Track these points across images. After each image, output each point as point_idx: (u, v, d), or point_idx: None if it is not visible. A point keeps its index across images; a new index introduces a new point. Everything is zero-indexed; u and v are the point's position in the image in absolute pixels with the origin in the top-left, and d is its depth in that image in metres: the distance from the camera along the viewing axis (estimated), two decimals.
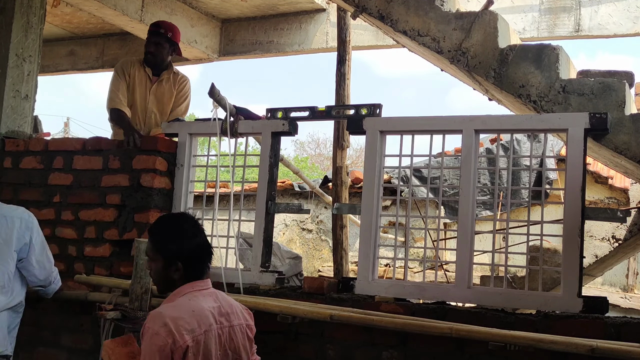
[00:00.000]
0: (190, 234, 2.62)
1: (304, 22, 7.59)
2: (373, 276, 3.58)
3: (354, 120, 3.72)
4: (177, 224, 2.65)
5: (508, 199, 3.53)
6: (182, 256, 2.58)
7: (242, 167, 4.14)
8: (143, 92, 4.98)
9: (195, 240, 2.62)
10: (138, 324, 3.38)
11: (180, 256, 2.58)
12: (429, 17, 3.83)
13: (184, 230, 2.63)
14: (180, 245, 2.59)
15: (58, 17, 7.60)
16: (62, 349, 4.01)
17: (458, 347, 3.18)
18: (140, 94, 4.98)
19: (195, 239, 2.62)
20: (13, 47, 4.59)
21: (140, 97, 4.98)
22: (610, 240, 5.58)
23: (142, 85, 4.99)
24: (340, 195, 5.70)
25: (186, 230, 2.63)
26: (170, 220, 2.73)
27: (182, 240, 2.60)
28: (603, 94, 3.39)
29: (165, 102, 5.00)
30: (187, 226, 2.64)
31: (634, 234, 5.11)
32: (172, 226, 2.65)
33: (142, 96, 4.98)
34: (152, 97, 4.98)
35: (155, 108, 4.99)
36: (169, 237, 2.61)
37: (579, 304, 3.13)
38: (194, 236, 2.62)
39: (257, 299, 3.51)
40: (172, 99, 5.02)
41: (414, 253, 8.34)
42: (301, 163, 24.34)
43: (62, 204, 4.15)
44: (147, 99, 4.98)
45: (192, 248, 2.60)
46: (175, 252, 2.58)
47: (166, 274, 2.60)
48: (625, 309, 7.59)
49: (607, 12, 6.29)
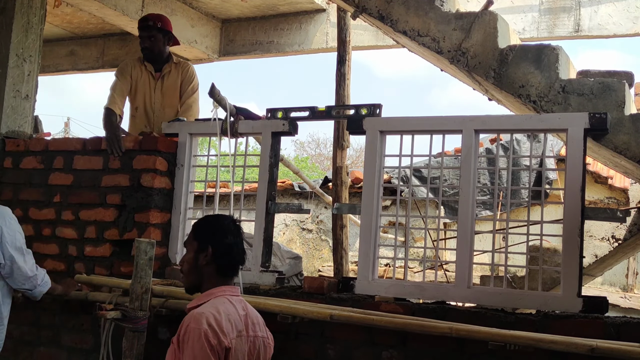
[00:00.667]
0: (227, 229, 2.73)
1: (304, 23, 7.60)
2: (373, 276, 3.58)
3: (354, 120, 3.73)
4: (219, 218, 2.82)
5: (508, 199, 3.53)
6: (214, 242, 2.68)
7: (242, 167, 4.14)
8: (148, 91, 4.95)
9: (230, 236, 2.72)
10: (138, 324, 3.39)
11: (212, 241, 2.68)
12: (429, 17, 3.83)
13: (223, 224, 2.76)
14: (214, 232, 2.71)
15: (58, 17, 7.60)
16: (62, 348, 4.01)
17: (458, 347, 3.18)
18: (144, 94, 4.95)
19: (230, 235, 2.72)
20: (13, 47, 4.59)
21: (146, 97, 4.95)
22: (610, 240, 5.58)
23: (145, 85, 4.96)
24: (340, 195, 5.70)
25: (225, 225, 2.75)
26: (214, 217, 2.91)
27: (217, 229, 2.72)
28: (603, 94, 3.39)
29: (172, 96, 4.94)
30: (227, 222, 2.77)
31: (634, 233, 5.11)
32: (213, 219, 2.84)
33: (147, 96, 4.95)
34: (158, 94, 4.93)
35: (162, 105, 4.94)
36: (207, 225, 2.77)
37: (578, 303, 3.14)
38: (229, 232, 2.73)
39: (257, 298, 3.51)
40: (177, 91, 4.94)
41: (414, 253, 8.34)
42: (301, 163, 24.34)
43: (63, 204, 4.16)
44: (153, 99, 4.94)
45: (226, 241, 2.70)
46: (209, 237, 2.69)
47: (196, 261, 2.68)
48: (625, 309, 7.59)
49: (607, 12, 6.29)
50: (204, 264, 2.67)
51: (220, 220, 2.79)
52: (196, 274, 2.70)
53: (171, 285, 3.68)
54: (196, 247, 2.70)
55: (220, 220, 2.80)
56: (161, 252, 3.97)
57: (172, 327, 3.77)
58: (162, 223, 4.01)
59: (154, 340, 3.70)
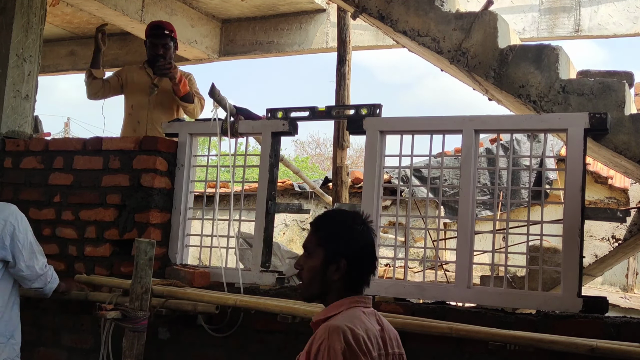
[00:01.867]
0: (361, 231, 2.25)
1: (304, 22, 7.60)
2: (373, 276, 3.58)
3: (354, 120, 3.73)
4: (348, 219, 2.29)
5: (508, 199, 3.53)
6: (349, 254, 2.20)
7: (242, 167, 4.14)
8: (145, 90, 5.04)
9: (365, 239, 2.25)
10: (138, 324, 3.39)
11: (346, 253, 2.20)
12: (429, 17, 3.83)
13: (355, 225, 2.26)
14: (349, 241, 2.22)
15: (58, 17, 7.60)
16: (62, 348, 4.01)
17: (458, 346, 3.18)
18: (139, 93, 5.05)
19: (365, 239, 2.25)
20: (13, 47, 4.59)
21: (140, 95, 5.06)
22: (610, 240, 5.58)
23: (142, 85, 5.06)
24: (340, 195, 5.71)
25: (357, 226, 2.26)
26: (341, 215, 2.38)
27: (353, 237, 2.23)
28: (603, 94, 3.39)
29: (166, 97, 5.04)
30: (359, 222, 2.27)
31: (634, 233, 5.11)
32: (342, 221, 2.29)
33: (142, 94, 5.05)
34: (154, 100, 5.03)
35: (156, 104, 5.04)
36: (336, 230, 2.24)
37: (578, 303, 3.13)
38: (364, 235, 2.25)
39: (257, 299, 3.52)
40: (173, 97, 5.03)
41: (414, 253, 8.35)
42: (301, 163, 24.34)
43: (63, 204, 4.16)
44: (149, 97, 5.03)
45: (361, 248, 2.23)
46: (342, 247, 2.20)
47: (324, 273, 2.21)
48: (625, 309, 7.60)
49: (606, 12, 6.29)
50: (334, 278, 2.20)
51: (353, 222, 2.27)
52: (322, 286, 2.23)
53: (171, 285, 3.68)
54: (323, 257, 2.21)
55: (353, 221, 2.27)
56: (161, 252, 3.97)
57: (172, 327, 3.78)
58: (162, 223, 4.01)
59: (154, 340, 3.71)
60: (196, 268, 3.90)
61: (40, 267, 3.53)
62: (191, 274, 3.79)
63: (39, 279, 3.53)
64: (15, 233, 3.43)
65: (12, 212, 3.49)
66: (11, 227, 3.43)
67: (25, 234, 3.49)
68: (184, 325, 3.74)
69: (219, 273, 3.79)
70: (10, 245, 3.41)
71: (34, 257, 3.50)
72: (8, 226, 3.42)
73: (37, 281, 3.53)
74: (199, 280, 3.80)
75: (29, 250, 3.48)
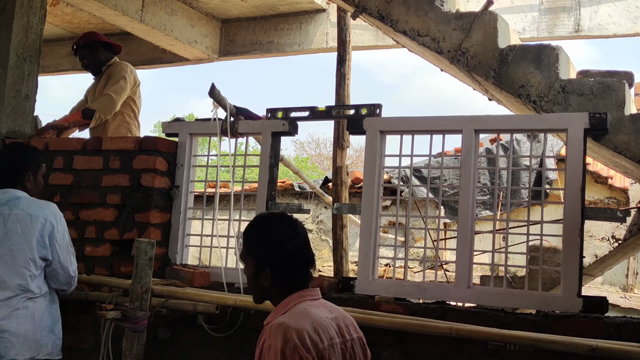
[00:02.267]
0: (282, 239, 2.31)
1: (304, 22, 7.60)
2: (373, 276, 3.58)
3: (354, 120, 3.73)
4: (269, 226, 2.36)
5: (508, 199, 3.53)
6: (271, 262, 2.29)
7: (242, 167, 4.14)
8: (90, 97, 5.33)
9: (286, 245, 2.31)
10: (138, 324, 3.39)
11: (267, 262, 2.29)
12: (429, 17, 3.83)
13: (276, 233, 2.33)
14: (268, 249, 2.30)
15: (58, 17, 7.60)
16: (62, 348, 4.00)
17: (458, 346, 3.18)
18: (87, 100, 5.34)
19: (285, 244, 2.31)
20: (13, 47, 4.59)
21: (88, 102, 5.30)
22: (610, 240, 5.58)
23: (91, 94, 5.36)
24: (340, 195, 5.70)
25: (279, 233, 2.33)
26: (263, 222, 2.41)
27: (270, 244, 2.31)
28: (603, 94, 3.39)
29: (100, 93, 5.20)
30: (281, 229, 2.34)
31: (634, 233, 5.11)
32: (263, 228, 2.37)
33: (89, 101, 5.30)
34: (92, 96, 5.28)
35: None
36: (259, 240, 2.34)
37: (578, 303, 3.13)
38: (284, 241, 2.31)
39: None
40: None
41: (414, 253, 8.35)
42: (301, 163, 24.35)
43: (63, 204, 4.15)
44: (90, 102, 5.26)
45: (285, 253, 2.30)
46: (264, 257, 2.30)
47: (257, 280, 2.32)
48: (625, 309, 7.59)
49: (607, 12, 6.29)
50: (266, 285, 2.30)
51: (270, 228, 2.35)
52: (261, 292, 2.35)
53: (171, 285, 3.68)
54: (254, 266, 2.32)
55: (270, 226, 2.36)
56: (161, 252, 3.97)
57: (172, 327, 3.78)
58: (162, 223, 4.01)
59: (154, 340, 3.71)
60: (196, 268, 3.90)
61: (73, 269, 3.55)
62: (191, 274, 3.79)
63: (69, 281, 3.54)
64: (54, 232, 3.45)
65: (52, 211, 3.50)
66: (50, 226, 3.44)
67: (63, 235, 3.51)
68: (184, 325, 3.74)
69: (219, 273, 3.79)
70: (49, 243, 3.43)
71: (69, 259, 3.52)
72: (47, 225, 3.44)
73: (66, 283, 3.54)
74: (199, 280, 3.80)
75: (65, 251, 3.50)
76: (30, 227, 3.39)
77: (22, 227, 3.39)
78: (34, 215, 3.42)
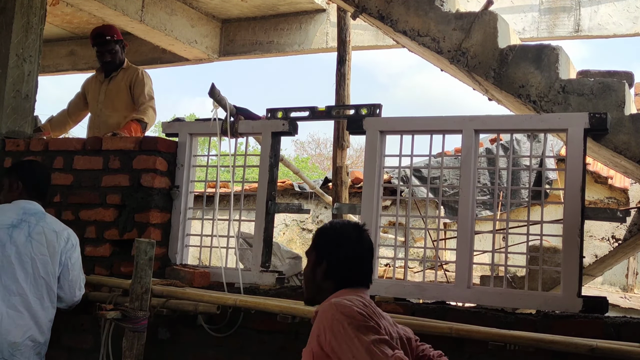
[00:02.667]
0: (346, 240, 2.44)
1: (304, 22, 7.60)
2: (373, 276, 3.58)
3: (354, 120, 3.73)
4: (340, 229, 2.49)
5: (508, 199, 3.53)
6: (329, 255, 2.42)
7: (242, 167, 4.14)
8: (95, 96, 5.20)
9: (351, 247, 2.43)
10: (138, 324, 3.39)
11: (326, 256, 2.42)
12: (429, 17, 3.83)
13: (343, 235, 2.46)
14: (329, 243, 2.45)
15: (58, 17, 7.61)
16: (62, 349, 4.01)
17: (458, 346, 3.18)
18: (93, 98, 5.22)
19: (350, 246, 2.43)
20: (13, 47, 4.59)
21: (93, 100, 5.22)
22: (610, 240, 5.59)
23: (94, 91, 5.23)
24: (340, 195, 5.71)
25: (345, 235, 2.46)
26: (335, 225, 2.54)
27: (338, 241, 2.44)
28: (603, 94, 3.39)
29: (115, 98, 5.14)
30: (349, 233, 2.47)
31: (634, 233, 5.11)
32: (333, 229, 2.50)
33: (94, 99, 5.21)
34: (103, 96, 5.16)
35: (104, 106, 5.15)
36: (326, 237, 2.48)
37: (578, 303, 3.13)
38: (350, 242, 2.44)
39: (257, 298, 3.51)
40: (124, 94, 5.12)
41: (414, 253, 8.35)
42: (301, 163, 24.34)
43: (63, 204, 4.15)
44: (98, 102, 5.17)
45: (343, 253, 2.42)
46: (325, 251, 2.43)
47: (313, 273, 2.44)
48: (625, 309, 7.60)
49: (606, 12, 6.30)
50: (318, 278, 2.42)
51: (341, 229, 2.48)
52: (313, 288, 2.45)
53: (171, 285, 3.68)
54: (314, 259, 2.46)
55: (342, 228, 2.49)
56: (161, 252, 3.97)
57: (172, 327, 3.78)
58: (162, 223, 4.01)
59: (154, 340, 3.71)
60: (196, 268, 3.90)
61: (79, 295, 3.62)
62: (191, 274, 3.79)
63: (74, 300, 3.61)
64: (72, 253, 3.55)
65: (72, 233, 3.62)
66: (72, 246, 3.55)
67: (78, 258, 3.60)
68: (184, 325, 3.74)
69: (219, 273, 3.79)
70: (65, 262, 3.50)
71: (78, 283, 3.59)
72: (69, 245, 3.54)
73: (69, 305, 3.62)
74: (199, 280, 3.81)
75: (77, 273, 3.58)
76: (56, 243, 3.48)
77: (47, 240, 3.46)
78: (59, 233, 3.52)
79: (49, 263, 3.44)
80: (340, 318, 2.16)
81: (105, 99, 5.14)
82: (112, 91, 5.14)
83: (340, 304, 2.20)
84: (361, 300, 2.28)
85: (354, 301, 2.24)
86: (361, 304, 2.24)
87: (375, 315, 2.26)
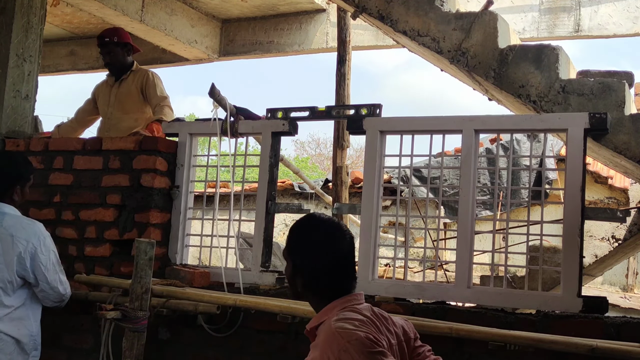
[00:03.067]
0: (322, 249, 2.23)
1: (304, 22, 7.60)
2: (373, 276, 3.58)
3: (354, 120, 3.73)
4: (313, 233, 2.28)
5: (508, 199, 3.53)
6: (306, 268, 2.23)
7: (242, 167, 4.14)
8: (106, 100, 5.18)
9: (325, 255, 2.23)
10: (138, 324, 3.39)
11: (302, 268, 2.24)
12: (429, 17, 3.83)
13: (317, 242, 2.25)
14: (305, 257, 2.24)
15: (58, 17, 7.61)
16: (62, 349, 4.01)
17: (458, 346, 3.18)
18: (103, 102, 5.20)
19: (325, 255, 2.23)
20: (13, 47, 4.59)
21: (104, 104, 5.19)
22: (610, 240, 5.59)
23: (105, 95, 5.21)
24: (340, 195, 5.71)
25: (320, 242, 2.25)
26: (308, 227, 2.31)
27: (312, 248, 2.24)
28: (603, 94, 3.39)
29: (126, 101, 5.12)
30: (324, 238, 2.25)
31: (634, 233, 5.11)
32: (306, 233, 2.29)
33: (104, 103, 5.19)
34: (113, 99, 5.14)
35: (115, 109, 5.13)
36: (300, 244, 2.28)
37: (578, 303, 3.13)
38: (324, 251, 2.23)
39: (257, 298, 3.52)
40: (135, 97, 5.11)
41: (414, 253, 8.35)
42: (302, 163, 24.35)
43: (63, 204, 4.16)
44: (109, 106, 5.15)
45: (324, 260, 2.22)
46: (300, 262, 2.25)
47: (294, 282, 2.27)
48: (625, 309, 7.60)
49: (607, 12, 6.30)
50: (301, 290, 2.25)
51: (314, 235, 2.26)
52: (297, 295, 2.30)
53: (171, 285, 3.68)
54: (292, 267, 2.27)
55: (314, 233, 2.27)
56: (161, 252, 3.97)
57: (172, 327, 3.78)
58: (162, 223, 4.01)
59: (154, 340, 3.71)
60: (196, 268, 3.90)
61: (64, 287, 3.55)
62: (191, 274, 3.79)
63: (60, 298, 3.56)
64: (36, 254, 3.40)
65: (35, 233, 3.43)
66: (33, 248, 3.39)
67: (48, 256, 3.45)
68: (184, 325, 3.74)
69: (219, 273, 3.79)
70: (31, 266, 3.38)
71: (57, 278, 3.50)
72: (30, 247, 3.38)
73: (58, 301, 3.56)
74: (199, 280, 3.81)
75: (52, 271, 3.46)
76: (11, 249, 3.33)
77: (2, 246, 3.34)
78: (16, 237, 3.36)
79: (5, 270, 3.31)
80: (347, 347, 2.02)
81: (116, 102, 5.10)
82: (123, 94, 5.11)
83: (346, 331, 2.05)
84: (359, 315, 2.15)
85: (355, 321, 2.09)
86: (362, 322, 2.11)
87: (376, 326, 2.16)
